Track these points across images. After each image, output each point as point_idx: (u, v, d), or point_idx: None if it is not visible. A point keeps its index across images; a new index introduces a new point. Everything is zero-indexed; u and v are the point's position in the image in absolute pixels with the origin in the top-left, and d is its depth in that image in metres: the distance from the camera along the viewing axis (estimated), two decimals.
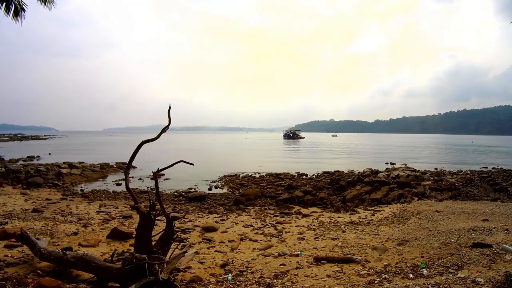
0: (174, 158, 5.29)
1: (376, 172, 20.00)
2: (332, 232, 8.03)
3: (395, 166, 26.54)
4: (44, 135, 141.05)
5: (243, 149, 62.07)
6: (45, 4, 7.23)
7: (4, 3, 6.97)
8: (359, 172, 20.68)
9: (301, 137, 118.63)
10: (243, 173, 24.42)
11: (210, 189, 18.13)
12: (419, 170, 21.40)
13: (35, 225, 8.12)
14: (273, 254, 6.22)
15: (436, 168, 25.41)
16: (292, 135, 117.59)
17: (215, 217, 10.28)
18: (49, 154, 40.23)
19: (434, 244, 6.42)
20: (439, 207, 10.68)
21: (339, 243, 6.87)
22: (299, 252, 6.26)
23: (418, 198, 13.17)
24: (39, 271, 4.66)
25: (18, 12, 7.24)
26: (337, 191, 16.58)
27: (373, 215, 10.46)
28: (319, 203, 13.58)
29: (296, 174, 23.86)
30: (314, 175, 23.54)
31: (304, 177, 22.89)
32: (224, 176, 22.85)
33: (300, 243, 7.11)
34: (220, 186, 19.13)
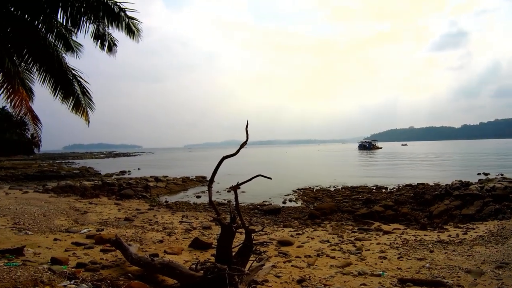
0: (248, 171, 5.37)
1: (467, 184, 17.89)
2: (418, 251, 7.37)
3: (489, 177, 23.41)
4: (134, 152, 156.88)
5: (315, 161, 61.01)
6: (133, 38, 8.09)
7: (99, 40, 7.98)
8: (446, 185, 18.72)
9: (377, 148, 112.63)
10: (317, 186, 23.90)
11: (284, 202, 18.06)
12: None
13: (126, 232, 8.90)
14: (352, 272, 5.89)
15: None
16: (367, 146, 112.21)
17: (290, 231, 10.16)
18: (138, 169, 44.47)
19: None
20: None
21: (427, 264, 6.26)
22: (381, 272, 5.85)
23: None
24: (129, 275, 5.04)
25: (111, 47, 8.24)
26: (422, 206, 15.22)
27: (466, 233, 9.39)
28: (401, 219, 12.62)
29: (374, 188, 22.53)
30: (394, 188, 21.98)
31: (383, 190, 21.51)
32: (298, 189, 22.59)
33: (381, 262, 6.63)
34: (294, 199, 18.94)
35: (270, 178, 4.97)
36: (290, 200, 18.62)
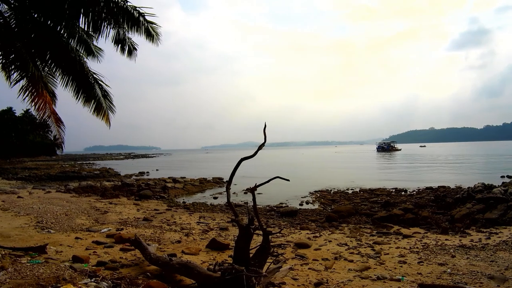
0: (264, 173, 5.35)
1: (490, 187, 17.34)
2: (439, 256, 7.18)
3: None
4: (152, 154, 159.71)
5: (333, 163, 60.32)
6: (153, 42, 8.23)
7: (120, 45, 8.15)
8: (468, 188, 18.20)
9: (397, 149, 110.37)
10: (334, 188, 23.63)
11: (301, 204, 17.94)
12: None
13: (145, 232, 9.05)
14: (371, 276, 5.79)
15: None
16: (386, 147, 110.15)
17: (307, 233, 10.09)
18: (157, 170, 45.16)
19: None
20: None
21: (448, 270, 6.09)
22: (400, 277, 5.72)
23: None
24: (148, 274, 5.12)
25: (131, 51, 8.41)
26: (443, 209, 14.80)
27: (489, 238, 9.12)
28: (422, 222, 12.30)
29: (394, 190, 22.07)
30: (414, 191, 21.51)
31: (402, 193, 21.04)
32: (315, 191, 22.39)
33: (401, 266, 6.49)
34: (311, 201, 18.79)
35: (288, 180, 4.94)
36: (307, 202, 18.48)
